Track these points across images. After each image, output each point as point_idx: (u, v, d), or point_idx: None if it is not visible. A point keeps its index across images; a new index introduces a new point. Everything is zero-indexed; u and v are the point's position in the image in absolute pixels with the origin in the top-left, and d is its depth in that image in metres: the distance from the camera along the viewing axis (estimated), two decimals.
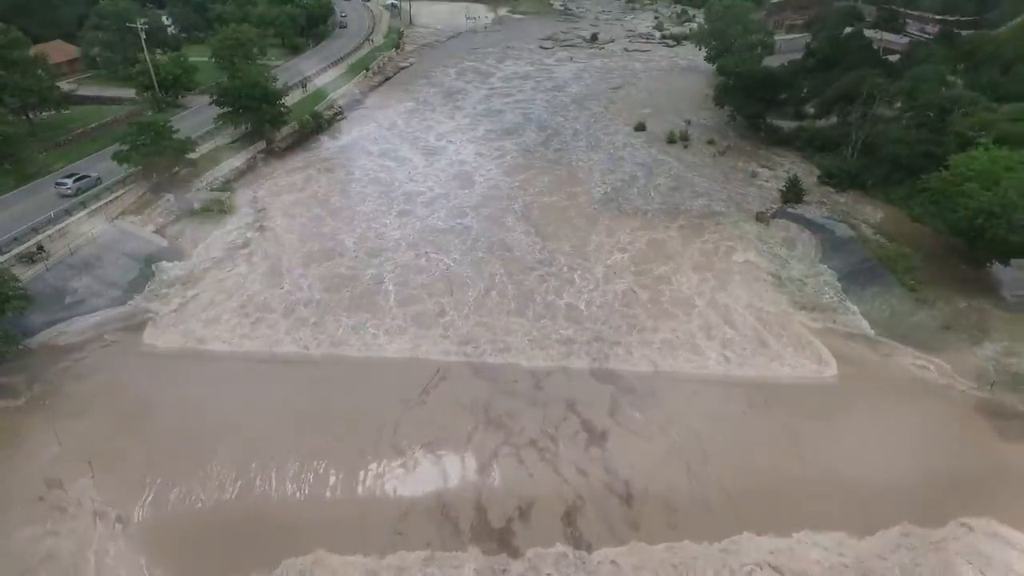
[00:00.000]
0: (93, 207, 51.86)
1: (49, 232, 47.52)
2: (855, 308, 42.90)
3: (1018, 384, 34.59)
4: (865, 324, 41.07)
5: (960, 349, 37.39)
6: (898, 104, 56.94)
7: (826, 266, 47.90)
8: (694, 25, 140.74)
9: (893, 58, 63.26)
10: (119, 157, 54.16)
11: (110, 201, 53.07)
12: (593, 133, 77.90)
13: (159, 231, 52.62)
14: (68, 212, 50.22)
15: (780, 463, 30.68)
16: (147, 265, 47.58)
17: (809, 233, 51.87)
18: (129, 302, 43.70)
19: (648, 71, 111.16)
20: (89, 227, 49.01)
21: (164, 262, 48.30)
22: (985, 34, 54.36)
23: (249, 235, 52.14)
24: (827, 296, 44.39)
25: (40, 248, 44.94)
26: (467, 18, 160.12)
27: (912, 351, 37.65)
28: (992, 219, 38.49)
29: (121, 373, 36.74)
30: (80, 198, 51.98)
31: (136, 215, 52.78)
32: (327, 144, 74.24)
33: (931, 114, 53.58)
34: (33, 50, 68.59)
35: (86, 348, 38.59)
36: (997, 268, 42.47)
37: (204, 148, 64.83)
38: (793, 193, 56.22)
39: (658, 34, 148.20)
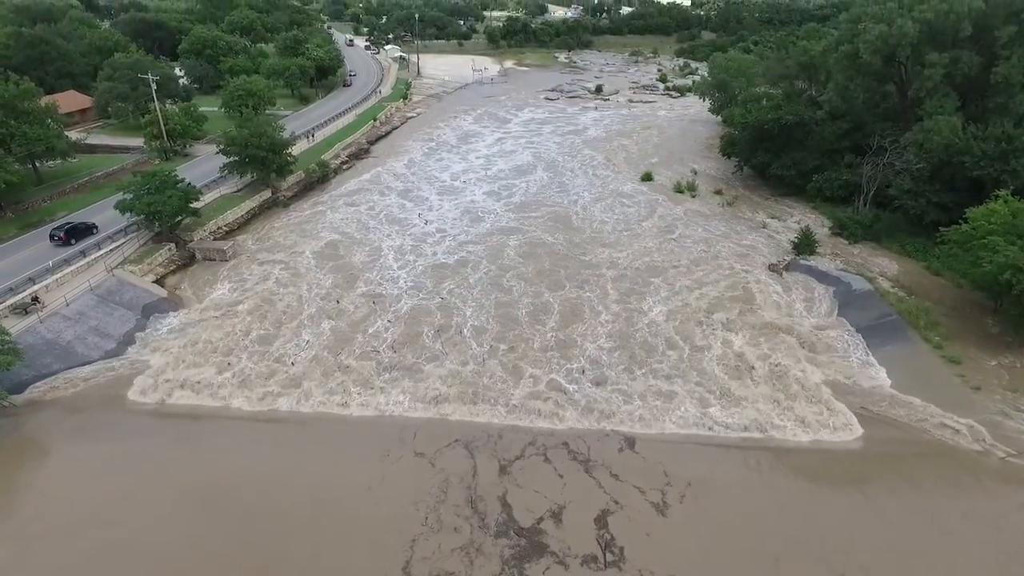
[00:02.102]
0: (93, 256, 51.05)
1: (46, 282, 46.52)
2: (877, 365, 40.94)
3: None
4: (889, 383, 39.04)
5: (994, 411, 35.30)
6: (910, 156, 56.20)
7: (844, 320, 46.16)
8: (696, 77, 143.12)
9: None
10: (122, 206, 53.66)
11: (111, 250, 52.30)
12: (600, 181, 77.53)
13: (159, 281, 51.66)
14: (67, 261, 49.40)
15: (799, 558, 27.64)
16: (144, 316, 46.36)
17: (824, 286, 50.39)
18: (123, 355, 42.32)
19: (654, 121, 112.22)
20: (87, 277, 48.00)
21: (162, 313, 47.09)
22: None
23: (249, 286, 50.97)
24: (847, 352, 42.49)
25: (35, 299, 43.80)
26: (473, 70, 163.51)
27: (942, 413, 35.49)
28: (1020, 274, 36.99)
29: (105, 436, 34.92)
30: (81, 246, 51.45)
31: (136, 264, 51.85)
32: (331, 193, 73.94)
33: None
34: (45, 100, 69.31)
35: (73, 404, 36.95)
36: None
37: (209, 197, 64.55)
38: (806, 244, 55.02)
39: (661, 86, 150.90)
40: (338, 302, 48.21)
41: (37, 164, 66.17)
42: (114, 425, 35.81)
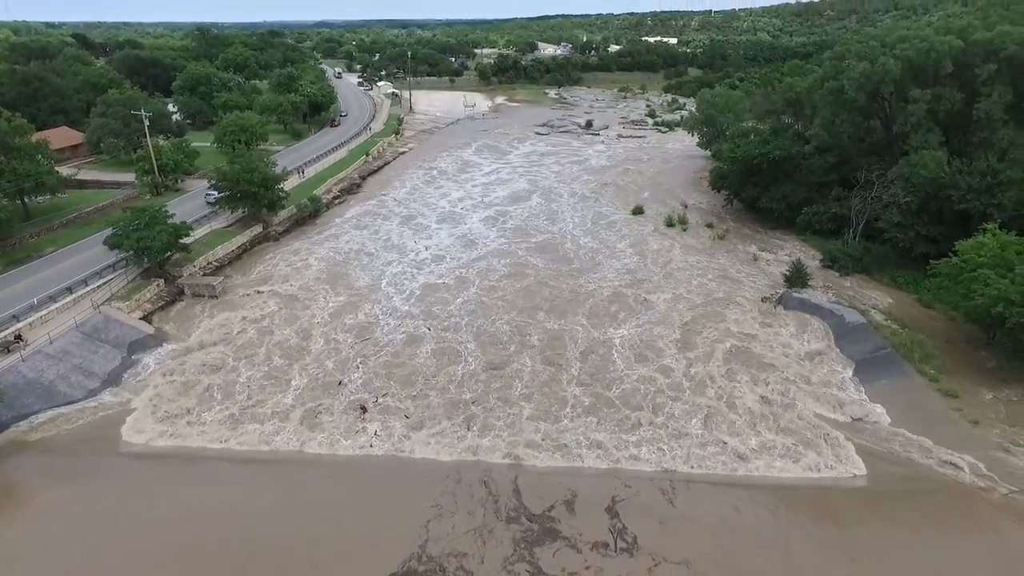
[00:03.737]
0: (80, 292, 50.28)
1: (30, 319, 45.70)
2: (874, 399, 40.60)
3: None
4: (887, 418, 38.65)
5: (993, 446, 34.85)
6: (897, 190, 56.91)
7: (839, 353, 45.99)
8: (685, 113, 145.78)
9: None
10: (111, 241, 53.17)
11: (98, 286, 51.57)
12: (591, 213, 77.89)
13: (146, 317, 50.84)
14: (53, 298, 48.60)
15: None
16: (130, 354, 45.44)
17: (818, 319, 50.26)
18: (107, 394, 41.27)
19: (643, 155, 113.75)
20: (73, 314, 47.20)
21: (148, 350, 46.20)
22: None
23: (238, 322, 50.25)
24: (843, 386, 42.18)
25: (18, 337, 42.93)
26: (465, 106, 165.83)
27: (942, 449, 35.02)
28: (1012, 307, 37.05)
29: (90, 479, 33.72)
30: (68, 283, 50.63)
31: (124, 301, 51.10)
32: (323, 227, 73.90)
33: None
34: (37, 136, 69.28)
35: (54, 446, 35.83)
36: None
37: (199, 232, 64.07)
38: (798, 277, 55.12)
39: (650, 121, 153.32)
40: (329, 341, 47.54)
41: (26, 199, 65.77)
42: (97, 467, 34.71)
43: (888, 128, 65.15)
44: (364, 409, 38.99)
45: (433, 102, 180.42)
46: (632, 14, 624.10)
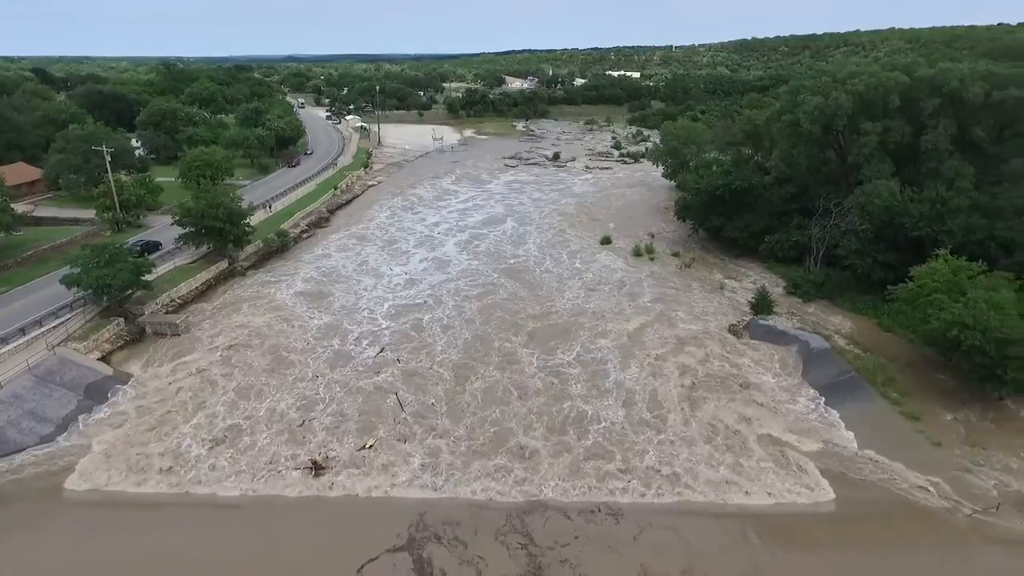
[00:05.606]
0: (34, 334, 48.48)
1: None
2: (840, 424, 41.23)
3: None
4: (853, 442, 39.23)
5: (955, 467, 35.65)
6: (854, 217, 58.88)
7: (804, 379, 46.75)
8: (649, 144, 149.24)
9: None
10: (68, 280, 51.59)
11: (54, 327, 49.83)
12: (561, 243, 78.65)
13: (105, 358, 49.18)
14: (4, 340, 46.74)
15: None
16: (87, 397, 43.74)
17: (783, 345, 51.17)
18: (60, 440, 39.55)
19: (611, 187, 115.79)
20: (26, 356, 45.40)
21: (106, 393, 44.56)
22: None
23: (201, 362, 48.88)
24: (809, 411, 42.77)
25: None
26: (434, 139, 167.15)
27: (908, 471, 35.64)
28: (967, 330, 38.29)
29: (37, 530, 32.11)
30: (21, 324, 48.78)
31: (81, 341, 49.39)
32: (290, 261, 73.01)
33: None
34: None
35: (1, 495, 34.03)
36: None
37: (162, 269, 62.71)
38: (763, 304, 56.25)
39: (616, 153, 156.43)
40: (292, 377, 46.57)
41: None
42: (48, 518, 33.05)
43: (843, 159, 67.69)
44: (316, 465, 36.62)
45: (402, 135, 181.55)
46: (596, 49, 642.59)
